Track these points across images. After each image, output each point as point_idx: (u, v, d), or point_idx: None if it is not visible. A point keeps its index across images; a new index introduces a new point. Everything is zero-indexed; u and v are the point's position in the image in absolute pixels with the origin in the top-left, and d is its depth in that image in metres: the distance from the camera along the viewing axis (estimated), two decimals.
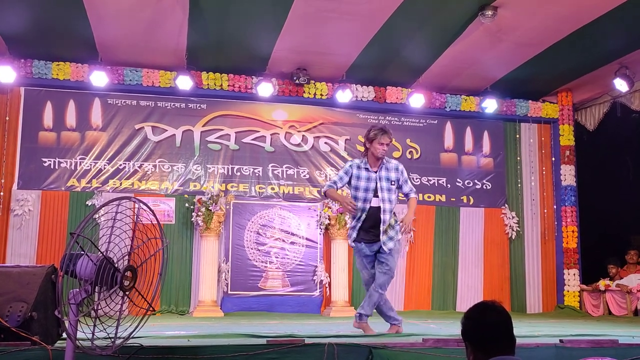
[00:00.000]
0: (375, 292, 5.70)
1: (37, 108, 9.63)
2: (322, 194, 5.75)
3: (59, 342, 4.13)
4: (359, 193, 5.62)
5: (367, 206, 5.61)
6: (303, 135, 10.51)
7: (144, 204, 3.49)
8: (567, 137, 11.17)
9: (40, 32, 8.66)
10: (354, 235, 5.69)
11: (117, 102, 9.94)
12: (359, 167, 5.66)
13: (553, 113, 11.26)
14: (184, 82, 9.51)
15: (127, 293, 3.34)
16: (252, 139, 10.32)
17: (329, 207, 9.91)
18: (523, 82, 10.38)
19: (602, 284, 10.33)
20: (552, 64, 9.59)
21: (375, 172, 5.65)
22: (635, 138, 10.42)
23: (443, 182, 10.88)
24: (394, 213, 5.76)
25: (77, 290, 3.23)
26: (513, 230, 10.92)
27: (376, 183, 5.62)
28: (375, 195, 5.61)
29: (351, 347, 4.16)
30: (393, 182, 5.68)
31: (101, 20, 8.30)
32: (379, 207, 5.60)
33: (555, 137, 11.28)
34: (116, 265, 3.29)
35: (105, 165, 9.73)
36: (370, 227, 5.62)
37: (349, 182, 5.69)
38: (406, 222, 5.60)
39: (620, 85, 9.58)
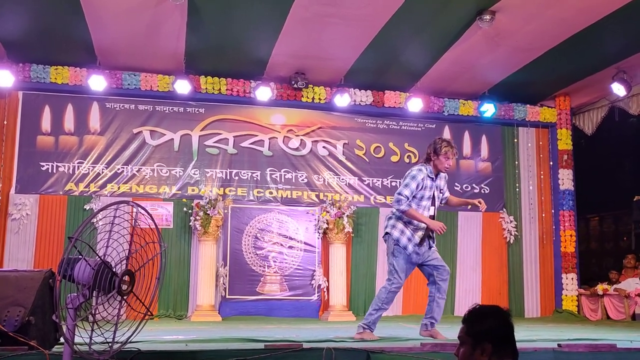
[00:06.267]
0: (442, 300, 5.78)
1: (35, 112, 9.62)
2: (400, 211, 5.47)
3: (56, 347, 4.11)
4: (424, 202, 5.58)
5: (430, 214, 5.63)
6: (301, 140, 10.51)
7: (142, 208, 3.48)
8: (565, 141, 11.19)
9: (39, 36, 8.66)
10: (416, 240, 5.57)
11: (115, 106, 9.93)
12: (426, 177, 5.59)
13: (551, 117, 11.27)
14: (182, 86, 9.52)
15: (124, 297, 3.34)
16: (250, 143, 10.32)
17: (327, 212, 9.90)
18: (521, 86, 10.39)
19: (600, 288, 10.33)
20: (549, 68, 9.61)
21: (435, 180, 5.68)
22: (633, 142, 10.45)
23: None
24: None
25: (75, 294, 3.22)
26: (511, 234, 10.92)
27: (433, 192, 5.66)
28: (433, 204, 5.66)
29: (349, 352, 4.15)
30: (442, 190, 5.79)
31: (99, 24, 8.30)
32: (434, 215, 5.67)
33: (553, 141, 11.29)
34: (114, 270, 3.28)
35: (103, 169, 9.72)
36: (430, 234, 5.62)
37: None
38: (476, 202, 5.82)
39: (618, 89, 9.60)
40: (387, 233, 5.73)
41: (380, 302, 5.56)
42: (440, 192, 5.76)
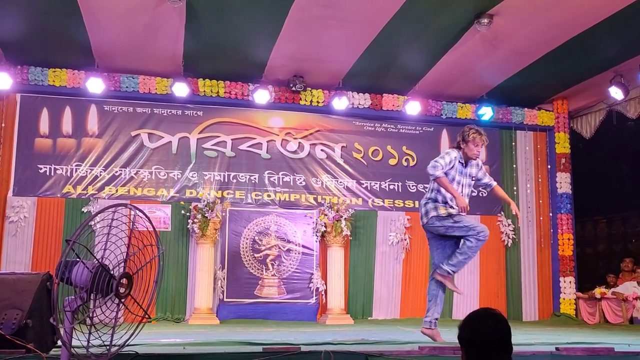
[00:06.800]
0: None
1: (33, 114, 9.62)
2: (433, 177, 5.52)
3: (54, 349, 4.10)
4: (453, 184, 5.62)
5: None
6: (299, 143, 10.51)
7: (140, 210, 3.48)
8: (562, 144, 11.20)
9: (37, 38, 8.65)
10: (444, 210, 5.64)
11: (113, 108, 9.93)
12: (457, 159, 5.66)
13: (549, 121, 11.28)
14: (181, 89, 9.52)
15: (122, 300, 3.33)
16: (249, 146, 10.32)
17: (325, 215, 9.90)
18: (519, 89, 10.41)
19: (597, 291, 10.33)
20: (547, 71, 9.62)
21: (465, 167, 5.75)
22: (631, 146, 10.46)
23: None
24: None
25: (73, 297, 3.22)
26: (509, 237, 10.92)
27: (463, 179, 5.72)
28: (461, 191, 5.70)
29: (347, 355, 4.15)
30: (473, 178, 5.84)
31: (98, 27, 8.30)
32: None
33: (551, 144, 11.30)
34: (112, 273, 3.28)
35: (101, 172, 9.71)
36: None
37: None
38: (516, 209, 5.84)
39: (616, 93, 9.61)
40: (431, 218, 5.69)
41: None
42: (472, 179, 5.82)
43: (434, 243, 5.84)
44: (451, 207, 5.63)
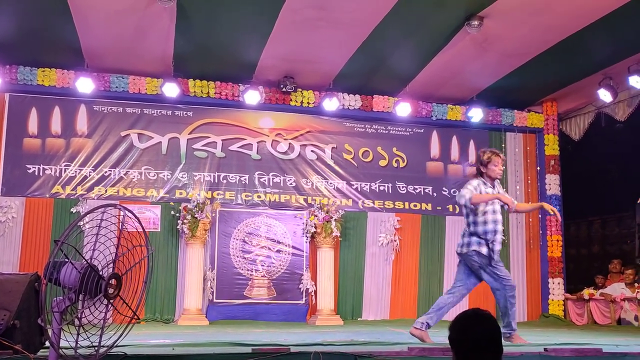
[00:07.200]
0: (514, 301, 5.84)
1: (21, 114, 9.56)
2: (467, 201, 5.57)
3: (41, 351, 4.08)
4: (489, 214, 5.68)
5: (499, 224, 5.73)
6: (290, 143, 10.51)
7: (130, 211, 3.47)
8: (552, 146, 11.25)
9: (26, 38, 8.60)
10: (486, 250, 5.71)
11: (103, 108, 9.89)
12: (481, 184, 5.72)
13: (538, 123, 11.34)
14: (171, 90, 9.49)
15: (111, 301, 3.32)
16: (239, 147, 10.31)
17: (315, 216, 9.90)
18: (509, 91, 10.45)
19: (586, 293, 10.39)
20: (537, 74, 9.67)
21: (493, 188, 5.80)
22: (620, 148, 10.52)
23: (429, 190, 10.92)
24: None
25: (61, 298, 3.21)
26: None
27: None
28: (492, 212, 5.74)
29: (337, 356, 4.15)
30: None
31: (88, 27, 8.26)
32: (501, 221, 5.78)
33: (541, 146, 11.35)
34: (101, 273, 3.27)
35: (90, 172, 9.67)
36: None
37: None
38: (549, 207, 6.04)
39: (605, 95, 9.67)
40: (471, 251, 5.77)
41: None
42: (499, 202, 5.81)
43: (463, 269, 5.98)
44: (493, 243, 5.65)
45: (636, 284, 9.96)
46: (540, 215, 11.17)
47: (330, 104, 10.17)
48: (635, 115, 9.95)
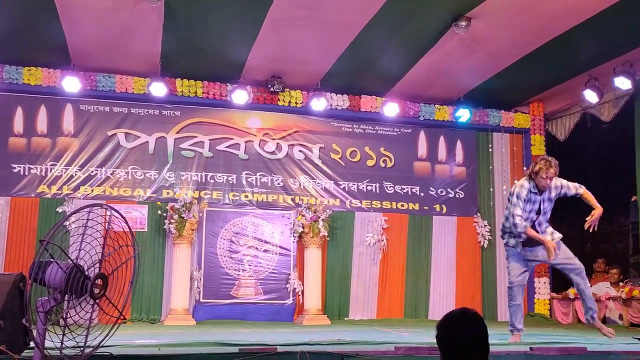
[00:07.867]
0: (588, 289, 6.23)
1: (7, 113, 9.48)
2: (519, 231, 5.92)
3: (26, 351, 4.05)
4: (525, 214, 5.96)
5: (529, 224, 6.01)
6: (277, 143, 10.50)
7: (116, 211, 3.46)
8: (538, 147, 11.32)
9: (12, 36, 8.52)
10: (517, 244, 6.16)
11: (89, 108, 9.83)
12: (531, 192, 5.97)
13: (525, 123, 11.40)
14: (158, 89, 9.46)
15: (97, 301, 3.31)
16: (226, 147, 10.29)
17: (303, 215, 9.90)
18: (496, 92, 10.50)
19: (571, 292, 10.43)
20: (524, 74, 9.72)
21: (541, 195, 6.00)
22: (605, 149, 10.59)
23: (416, 190, 10.95)
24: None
25: (46, 298, 3.19)
26: (485, 238, 11.01)
27: (540, 204, 6.03)
28: (537, 213, 6.04)
29: (324, 355, 4.16)
30: (552, 200, 6.11)
31: (74, 25, 8.21)
32: (534, 222, 6.07)
33: (527, 146, 11.42)
34: (86, 273, 3.26)
35: (76, 171, 9.61)
36: (529, 239, 6.06)
37: None
38: (597, 215, 6.17)
39: (590, 96, 9.75)
40: (505, 241, 6.32)
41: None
42: (551, 201, 6.08)
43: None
44: (518, 236, 6.04)
45: (621, 283, 10.03)
46: None
47: (318, 104, 10.17)
48: (620, 116, 10.02)
